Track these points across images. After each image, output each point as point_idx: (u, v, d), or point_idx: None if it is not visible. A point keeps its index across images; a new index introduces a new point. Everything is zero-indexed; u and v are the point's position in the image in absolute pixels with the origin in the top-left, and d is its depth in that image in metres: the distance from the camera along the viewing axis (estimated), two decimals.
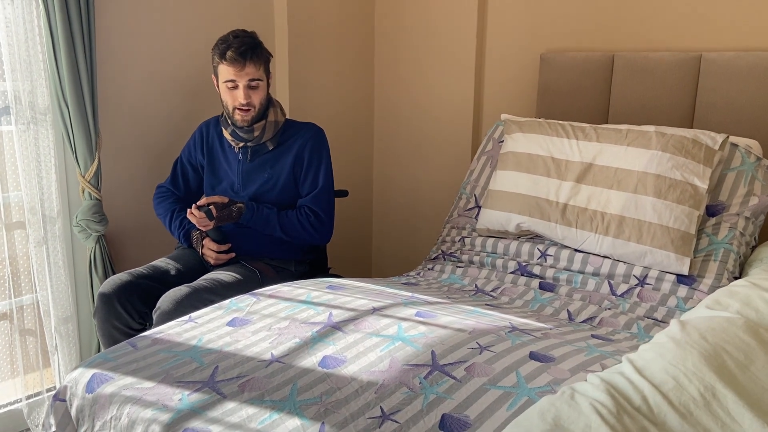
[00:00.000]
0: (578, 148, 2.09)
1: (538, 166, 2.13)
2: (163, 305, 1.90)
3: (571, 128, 2.14)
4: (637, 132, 2.02)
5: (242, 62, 2.02)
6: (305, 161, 2.18)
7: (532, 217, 2.10)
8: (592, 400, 1.06)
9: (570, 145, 2.10)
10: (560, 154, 2.11)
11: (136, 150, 2.40)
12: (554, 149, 2.13)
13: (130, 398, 1.33)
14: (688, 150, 1.92)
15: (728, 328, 1.24)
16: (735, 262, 1.88)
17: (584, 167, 2.05)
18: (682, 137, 1.95)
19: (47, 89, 2.09)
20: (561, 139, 2.13)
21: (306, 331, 1.57)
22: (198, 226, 2.09)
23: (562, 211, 2.04)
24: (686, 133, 1.97)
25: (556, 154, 2.12)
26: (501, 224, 2.18)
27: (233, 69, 2.03)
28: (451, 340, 1.50)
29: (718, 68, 2.16)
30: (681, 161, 1.91)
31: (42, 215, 2.12)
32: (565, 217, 2.03)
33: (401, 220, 3.15)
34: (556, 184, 2.08)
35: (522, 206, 2.12)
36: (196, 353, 1.48)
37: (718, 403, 1.03)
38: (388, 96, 3.07)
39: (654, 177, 1.92)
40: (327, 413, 1.27)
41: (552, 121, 2.22)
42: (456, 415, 1.26)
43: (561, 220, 2.04)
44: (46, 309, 2.17)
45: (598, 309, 1.86)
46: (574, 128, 2.14)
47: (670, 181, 1.90)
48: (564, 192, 2.06)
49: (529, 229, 2.13)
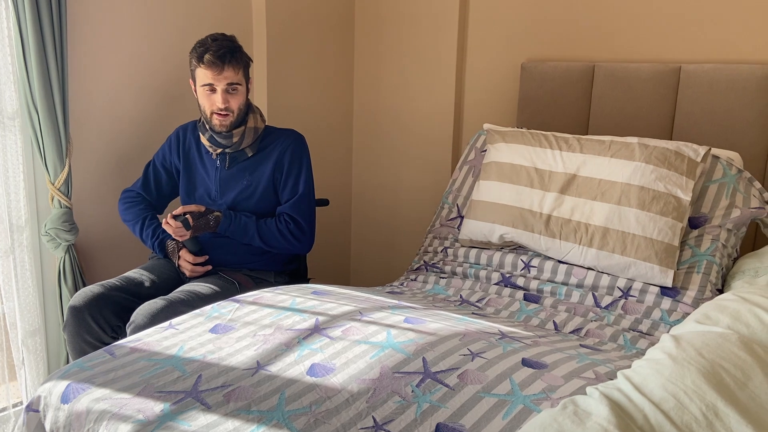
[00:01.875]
0: (561, 158, 2.08)
1: (521, 177, 2.12)
2: (137, 319, 1.83)
3: (555, 139, 2.14)
4: (620, 143, 2.03)
5: (220, 66, 1.97)
6: (285, 168, 2.13)
7: (515, 228, 2.08)
8: (596, 416, 1.03)
9: (553, 155, 2.10)
10: (543, 165, 2.10)
11: (109, 157, 2.32)
12: (537, 160, 2.12)
13: (108, 410, 1.26)
14: (671, 162, 1.93)
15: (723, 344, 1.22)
16: (717, 274, 1.89)
17: (568, 178, 2.04)
18: (665, 149, 1.96)
19: (16, 93, 2.01)
20: (544, 149, 2.13)
21: (292, 337, 1.51)
22: (174, 236, 2.02)
23: (545, 223, 2.03)
24: (669, 145, 1.98)
25: (539, 165, 2.11)
26: (484, 235, 2.16)
27: (211, 72, 1.98)
28: (442, 347, 1.46)
29: (698, 80, 2.19)
30: (664, 173, 1.92)
31: (9, 224, 2.03)
32: (549, 228, 2.02)
33: (380, 228, 3.12)
34: (539, 194, 2.07)
35: (505, 217, 2.11)
36: (177, 362, 1.42)
37: (720, 422, 1.00)
38: (367, 104, 3.05)
39: (638, 189, 1.92)
40: (317, 424, 1.22)
41: (535, 131, 2.22)
42: (451, 425, 1.22)
43: (545, 231, 2.03)
44: (12, 321, 2.07)
45: (583, 321, 1.85)
46: (557, 139, 2.14)
47: (653, 193, 1.90)
48: (548, 203, 2.05)
49: (512, 240, 2.12)
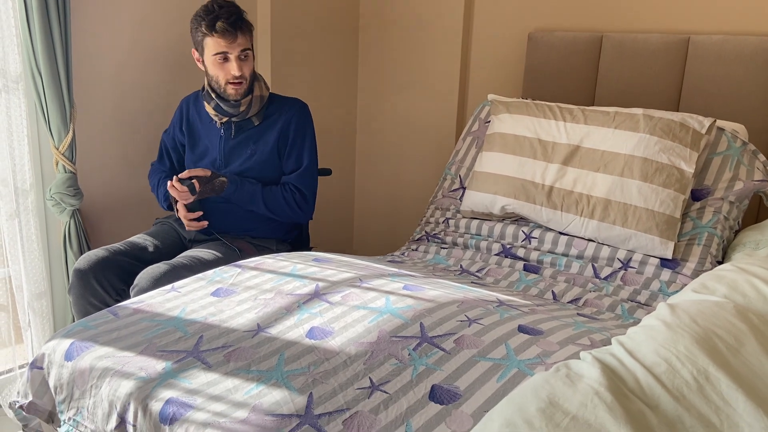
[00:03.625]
0: (565, 130, 2.07)
1: (524, 148, 2.12)
2: (140, 282, 1.85)
3: (559, 110, 2.13)
4: (625, 115, 2.02)
5: (234, 33, 1.96)
6: (290, 138, 2.13)
7: (517, 200, 2.08)
8: (588, 378, 1.05)
9: (557, 127, 2.09)
10: (547, 136, 2.10)
11: (113, 122, 2.33)
12: (541, 131, 2.11)
13: (111, 367, 1.29)
14: (675, 134, 1.92)
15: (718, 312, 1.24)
16: (718, 246, 1.89)
17: (571, 149, 2.04)
18: (669, 120, 1.95)
19: (19, 56, 2.01)
20: (548, 120, 2.12)
21: (292, 302, 1.54)
22: (179, 200, 2.04)
23: (547, 194, 2.03)
24: (674, 116, 1.97)
25: (543, 136, 2.10)
26: (486, 206, 2.16)
27: (225, 41, 1.96)
28: (440, 313, 1.48)
29: (706, 51, 2.17)
30: (668, 145, 1.91)
31: (14, 187, 2.05)
32: (551, 199, 2.02)
33: (384, 199, 3.13)
34: (542, 166, 2.07)
35: (507, 188, 2.11)
36: (179, 323, 1.44)
37: (711, 386, 1.02)
38: (372, 73, 3.03)
39: (641, 160, 1.91)
40: (315, 383, 1.25)
41: (540, 102, 2.21)
42: (446, 386, 1.24)
43: (546, 203, 2.03)
44: (18, 284, 2.10)
45: (582, 291, 1.86)
46: (561, 110, 2.13)
47: (656, 165, 1.90)
48: (550, 174, 2.04)
49: (514, 212, 2.12)
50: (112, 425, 1.24)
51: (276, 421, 1.14)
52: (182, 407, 1.18)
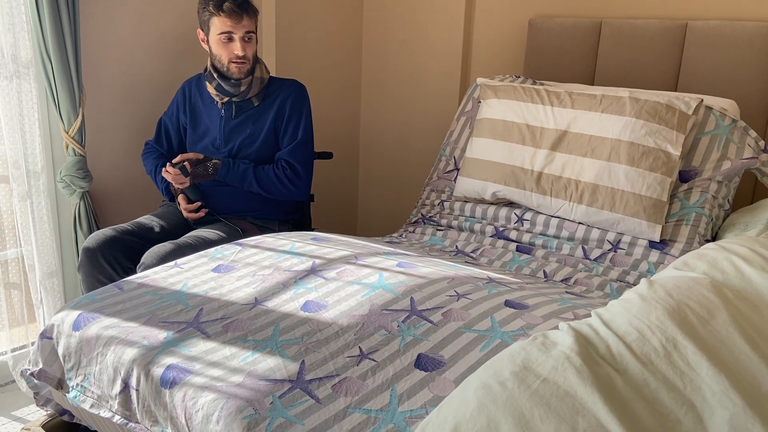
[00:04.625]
0: (553, 114, 2.10)
1: (513, 134, 2.15)
2: (147, 260, 1.93)
3: (546, 93, 2.15)
4: (611, 97, 2.04)
5: (240, 14, 2.05)
6: (286, 115, 2.20)
7: (507, 186, 2.12)
8: (561, 345, 1.10)
9: (545, 111, 2.11)
10: (535, 121, 2.12)
11: (121, 106, 2.40)
12: (529, 116, 2.14)
13: (116, 336, 1.37)
14: (661, 116, 1.94)
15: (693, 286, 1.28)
16: (707, 225, 1.92)
17: (559, 135, 2.06)
18: (655, 103, 1.97)
19: (30, 42, 2.08)
20: (536, 105, 2.14)
21: (289, 278, 1.60)
22: (174, 183, 2.11)
23: (536, 180, 2.06)
24: (660, 98, 1.98)
25: (531, 121, 2.13)
26: (477, 192, 2.21)
27: (231, 21, 2.05)
28: (430, 288, 1.54)
29: (704, 36, 2.19)
30: (654, 128, 1.93)
31: (26, 170, 2.13)
32: (540, 185, 2.05)
33: (388, 182, 3.19)
34: (531, 152, 2.10)
35: (497, 175, 2.14)
36: (181, 296, 1.52)
37: (678, 353, 1.07)
38: (376, 57, 3.08)
39: (627, 144, 1.94)
40: (307, 352, 1.32)
41: (527, 85, 2.24)
42: (431, 355, 1.31)
43: (536, 188, 2.06)
44: (30, 263, 2.19)
45: (573, 271, 1.91)
46: (549, 93, 2.15)
47: (643, 149, 1.92)
48: (539, 160, 2.07)
49: (505, 197, 2.16)
50: (117, 390, 1.32)
51: (269, 385, 1.21)
52: (182, 372, 1.25)
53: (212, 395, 1.18)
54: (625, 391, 1.01)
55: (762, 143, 1.96)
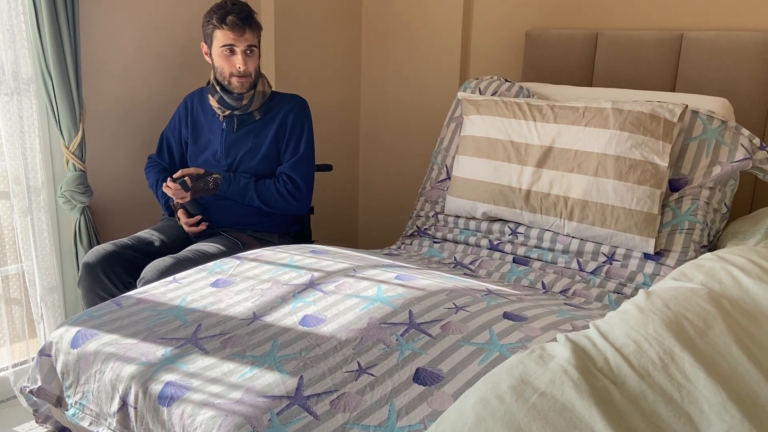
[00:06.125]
0: (536, 130, 2.06)
1: (498, 152, 2.12)
2: (147, 275, 1.93)
3: (528, 108, 2.11)
4: (594, 110, 2.00)
5: (242, 27, 2.07)
6: (288, 130, 2.21)
7: (497, 205, 2.10)
8: (558, 358, 1.10)
9: (528, 127, 2.08)
10: (519, 138, 2.09)
11: (121, 121, 2.42)
12: (512, 132, 2.11)
13: (114, 353, 1.37)
14: (646, 126, 1.90)
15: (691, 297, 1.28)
16: (702, 232, 1.89)
17: (544, 151, 2.03)
18: (639, 113, 1.92)
19: (30, 59, 2.09)
20: (519, 120, 2.10)
21: (288, 291, 1.60)
22: (175, 198, 2.12)
23: (525, 198, 2.04)
24: (644, 107, 1.93)
25: (515, 138, 2.10)
26: (468, 211, 2.19)
27: (233, 34, 2.07)
28: (429, 301, 1.54)
29: (699, 47, 2.20)
30: (640, 139, 1.90)
31: (26, 185, 2.14)
32: (529, 203, 2.03)
33: (388, 193, 3.19)
34: (517, 169, 2.07)
35: (485, 194, 2.12)
36: (179, 312, 1.52)
37: (675, 365, 1.07)
38: (375, 70, 3.10)
39: (614, 158, 1.90)
40: (306, 367, 1.32)
41: (508, 99, 2.19)
42: (430, 369, 1.31)
43: (525, 206, 2.04)
44: (31, 279, 2.19)
45: (571, 282, 1.89)
46: (531, 108, 2.11)
47: (630, 162, 1.89)
48: (526, 178, 2.04)
49: (496, 216, 2.15)
50: (115, 408, 1.32)
51: (267, 402, 1.21)
52: (180, 389, 1.25)
53: (210, 412, 1.18)
54: (623, 404, 1.01)
55: (757, 141, 1.91)
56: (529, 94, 2.32)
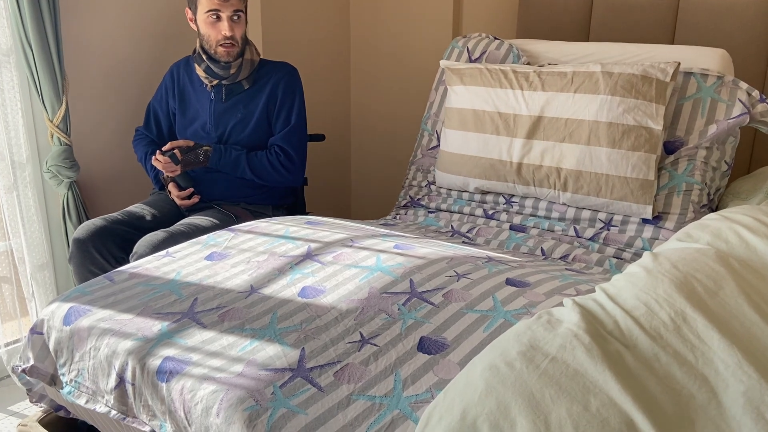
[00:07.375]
0: (524, 99, 1.98)
1: (485, 124, 2.04)
2: (139, 249, 1.89)
3: (515, 76, 2.02)
4: (583, 74, 1.92)
5: None
6: (278, 100, 2.15)
7: (488, 180, 2.04)
8: (567, 322, 1.08)
9: (515, 96, 1.99)
10: (507, 108, 2.01)
11: (106, 93, 2.34)
12: (500, 103, 2.02)
13: (109, 330, 1.33)
14: (638, 89, 1.83)
15: (699, 257, 1.26)
16: (701, 192, 1.84)
17: (533, 121, 1.95)
18: (630, 75, 1.85)
19: (9, 29, 2.01)
20: (505, 90, 2.02)
21: (285, 263, 1.57)
22: (165, 172, 2.06)
23: (517, 171, 1.98)
24: (634, 69, 1.86)
25: (502, 108, 2.01)
26: (459, 186, 2.14)
27: None
28: (430, 269, 1.51)
29: (696, 8, 2.14)
30: (632, 103, 1.83)
31: (11, 161, 2.07)
32: (521, 176, 1.98)
33: (381, 162, 3.14)
34: (507, 142, 1.99)
35: (476, 169, 2.06)
36: (174, 286, 1.48)
37: (687, 326, 1.05)
38: (364, 31, 3.02)
39: (606, 125, 1.84)
40: (307, 339, 1.28)
41: (493, 67, 2.10)
42: (434, 338, 1.28)
43: (518, 179, 1.99)
44: (20, 256, 2.14)
45: (570, 248, 1.86)
46: (517, 75, 2.02)
47: (623, 128, 1.83)
48: (516, 150, 1.98)
49: (489, 190, 2.10)
50: (112, 384, 1.28)
51: (270, 375, 1.18)
52: (179, 364, 1.22)
53: (211, 387, 1.15)
54: (636, 367, 0.98)
55: (756, 94, 1.85)
56: (518, 53, 2.23)
